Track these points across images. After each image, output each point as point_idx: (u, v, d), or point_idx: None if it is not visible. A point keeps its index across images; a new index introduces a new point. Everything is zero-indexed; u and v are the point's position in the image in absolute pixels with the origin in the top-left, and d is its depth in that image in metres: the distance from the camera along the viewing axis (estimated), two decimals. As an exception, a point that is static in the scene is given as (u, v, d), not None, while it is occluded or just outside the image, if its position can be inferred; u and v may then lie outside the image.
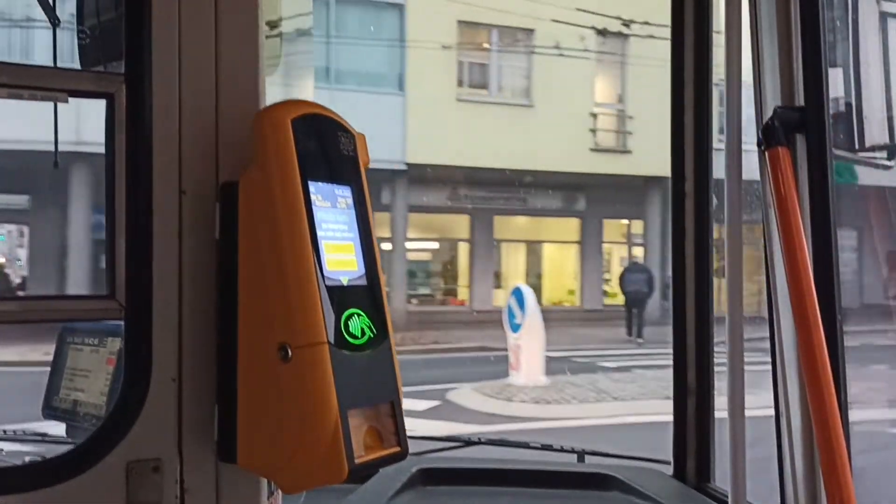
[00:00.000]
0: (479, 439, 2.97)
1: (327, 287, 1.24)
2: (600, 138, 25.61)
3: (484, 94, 24.84)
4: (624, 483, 2.46)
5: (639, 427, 10.25)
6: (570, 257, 27.62)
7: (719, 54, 1.83)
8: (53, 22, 1.69)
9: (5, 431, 2.73)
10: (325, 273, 1.25)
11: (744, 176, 1.78)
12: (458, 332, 21.35)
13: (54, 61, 1.65)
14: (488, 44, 25.02)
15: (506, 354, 14.50)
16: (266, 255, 1.26)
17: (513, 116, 24.16)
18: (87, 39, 1.66)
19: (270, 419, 1.25)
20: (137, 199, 1.31)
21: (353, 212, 1.34)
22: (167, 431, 1.31)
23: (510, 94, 25.18)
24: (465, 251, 26.85)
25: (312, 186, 1.27)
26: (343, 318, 1.26)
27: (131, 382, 1.32)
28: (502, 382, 13.91)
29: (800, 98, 1.70)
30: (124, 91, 1.31)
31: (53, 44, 1.68)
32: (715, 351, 2.45)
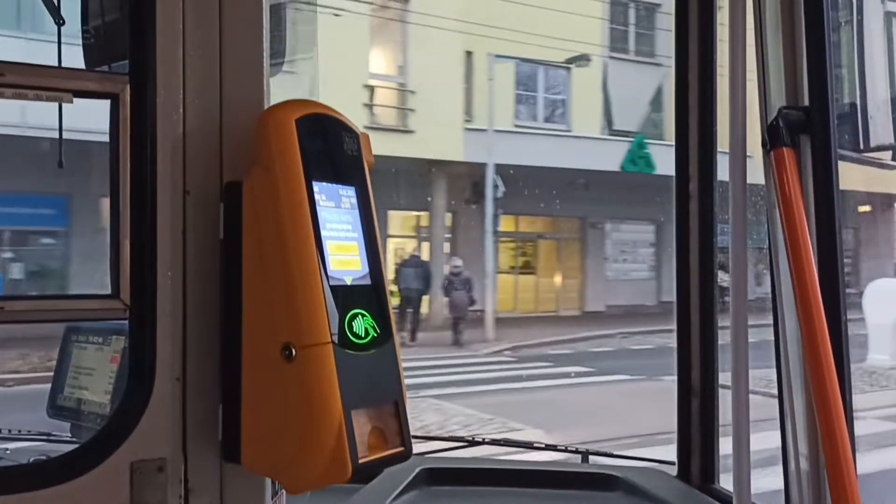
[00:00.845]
0: (484, 439, 2.97)
1: (331, 287, 1.24)
2: (378, 115, 23.11)
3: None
4: (628, 483, 2.46)
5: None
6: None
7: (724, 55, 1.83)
8: (58, 22, 1.69)
9: (10, 431, 2.73)
10: (329, 273, 1.25)
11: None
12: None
13: (59, 61, 1.65)
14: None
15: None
16: (270, 256, 1.26)
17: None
18: (92, 40, 1.66)
19: (275, 419, 1.26)
20: (142, 199, 1.31)
21: (357, 212, 1.34)
22: (171, 431, 1.31)
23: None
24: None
25: (317, 186, 1.27)
26: (347, 317, 1.26)
27: (136, 382, 1.32)
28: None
29: (804, 99, 1.70)
30: (129, 91, 1.31)
31: (58, 44, 1.68)
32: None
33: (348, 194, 1.33)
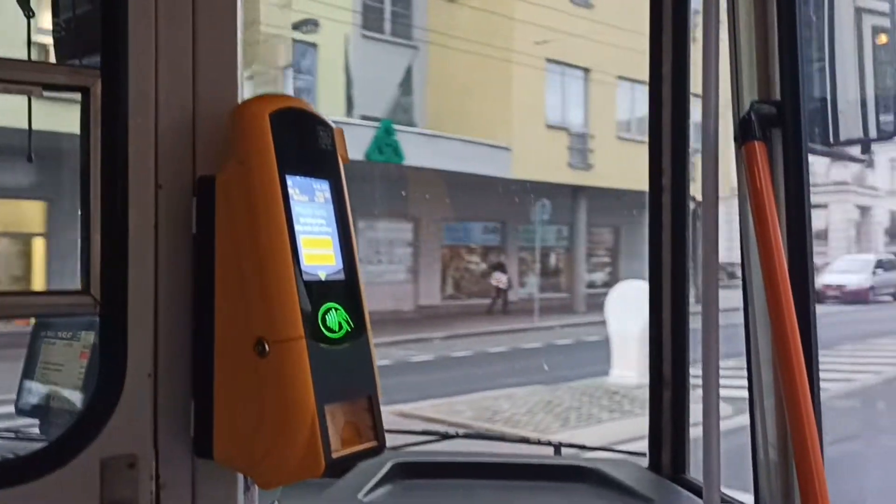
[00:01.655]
0: (457, 433, 2.98)
1: (305, 282, 1.24)
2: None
3: None
4: (600, 475, 2.48)
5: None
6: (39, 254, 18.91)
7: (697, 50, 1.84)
8: (28, 14, 1.67)
9: None
10: (303, 267, 1.24)
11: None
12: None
13: (28, 54, 1.63)
14: None
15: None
16: (243, 250, 1.25)
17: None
18: (63, 32, 1.64)
19: (247, 414, 1.25)
20: (113, 193, 1.29)
21: (332, 206, 1.34)
22: (142, 427, 1.30)
23: None
24: None
25: (290, 180, 1.26)
26: (320, 312, 1.25)
27: (106, 377, 1.31)
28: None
29: (776, 93, 1.71)
30: (100, 85, 1.29)
31: (28, 37, 1.66)
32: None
33: (322, 188, 1.33)
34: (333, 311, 1.27)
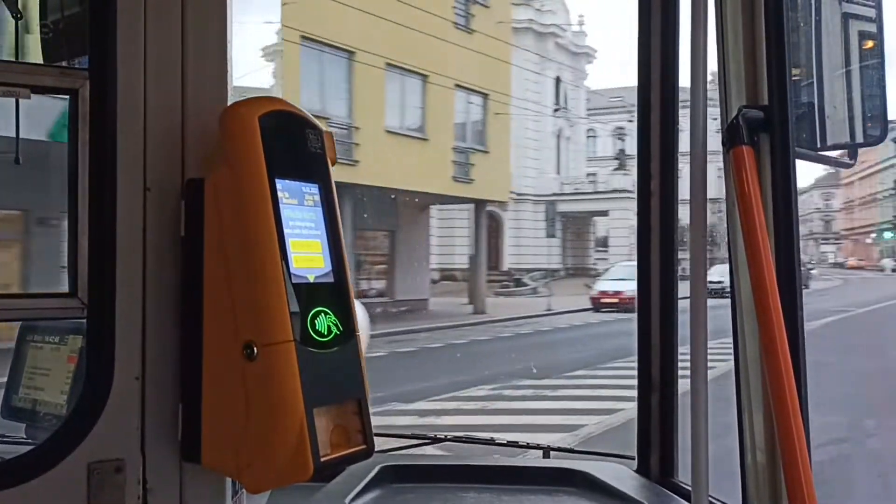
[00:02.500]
0: (446, 436, 2.97)
1: (294, 284, 1.24)
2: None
3: None
4: (589, 478, 2.48)
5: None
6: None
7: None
8: (16, 16, 1.66)
9: None
10: (292, 270, 1.24)
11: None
12: None
13: (16, 56, 1.62)
14: None
15: None
16: (232, 253, 1.25)
17: None
18: (51, 34, 1.63)
19: (235, 418, 1.24)
20: (101, 195, 1.29)
21: (321, 209, 1.34)
22: (130, 431, 1.30)
23: None
24: None
25: (279, 184, 1.26)
26: (310, 315, 1.25)
27: (93, 381, 1.30)
28: None
29: (764, 98, 1.72)
30: (88, 87, 1.29)
31: (15, 38, 1.65)
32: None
33: (312, 191, 1.33)
34: (323, 315, 1.27)
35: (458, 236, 36.04)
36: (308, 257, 1.28)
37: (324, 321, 1.27)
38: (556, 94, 49.55)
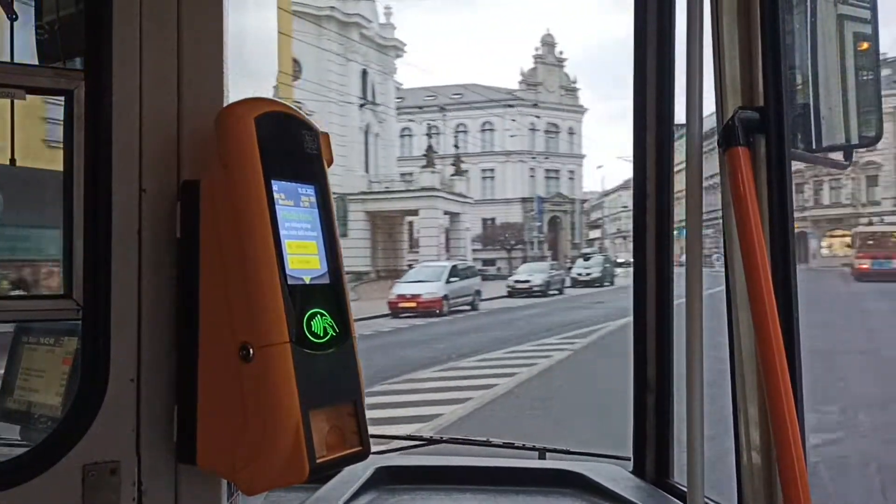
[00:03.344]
0: (441, 438, 2.97)
1: (290, 286, 1.23)
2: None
3: None
4: (584, 479, 2.48)
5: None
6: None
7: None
8: (11, 17, 1.65)
9: None
10: (288, 272, 1.24)
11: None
12: None
13: (11, 57, 1.61)
14: None
15: None
16: (228, 254, 1.24)
17: None
18: (46, 35, 1.62)
19: (231, 420, 1.24)
20: (96, 197, 1.28)
21: (317, 210, 1.33)
22: (125, 433, 1.29)
23: None
24: None
25: (276, 185, 1.26)
26: (306, 317, 1.25)
27: (88, 383, 1.30)
28: None
29: (759, 99, 1.72)
30: (84, 87, 1.28)
31: (10, 39, 1.64)
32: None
33: (308, 193, 1.32)
34: (318, 316, 1.27)
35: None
36: (304, 258, 1.28)
37: (319, 322, 1.27)
38: (362, 87, 48.14)
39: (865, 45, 1.79)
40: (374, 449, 1.37)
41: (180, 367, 1.31)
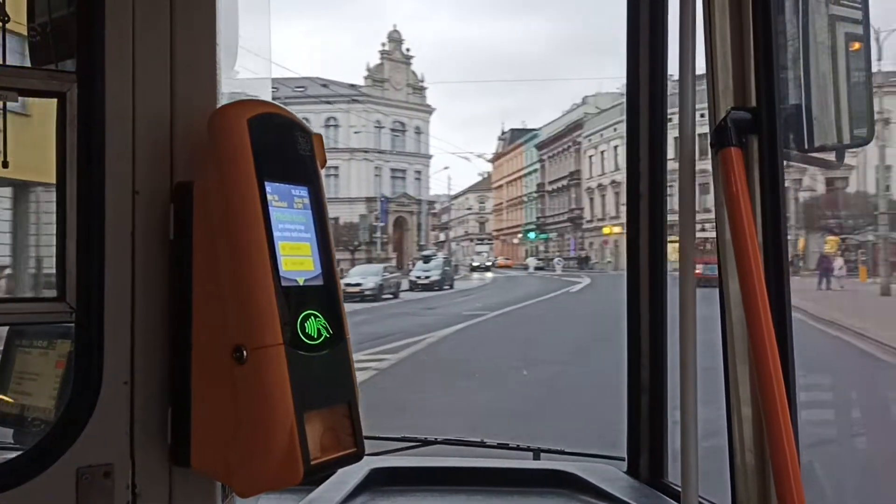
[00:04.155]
0: (436, 439, 2.97)
1: (283, 287, 1.23)
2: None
3: None
4: (579, 480, 2.48)
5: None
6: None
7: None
8: (3, 19, 1.65)
9: None
10: (282, 273, 1.24)
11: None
12: None
13: (3, 59, 1.61)
14: None
15: None
16: (221, 256, 1.24)
17: None
18: (38, 37, 1.62)
19: (225, 422, 1.24)
20: (89, 199, 1.28)
21: (311, 212, 1.33)
22: (119, 436, 1.29)
23: None
24: None
25: (269, 187, 1.26)
26: (299, 318, 1.25)
27: (82, 386, 1.29)
28: None
29: (752, 100, 1.72)
30: (76, 90, 1.28)
31: (2, 41, 1.64)
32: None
33: (301, 194, 1.32)
34: (312, 318, 1.27)
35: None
36: (297, 260, 1.28)
37: (313, 324, 1.27)
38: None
39: (857, 46, 1.80)
40: (368, 450, 1.37)
41: (174, 370, 1.31)
